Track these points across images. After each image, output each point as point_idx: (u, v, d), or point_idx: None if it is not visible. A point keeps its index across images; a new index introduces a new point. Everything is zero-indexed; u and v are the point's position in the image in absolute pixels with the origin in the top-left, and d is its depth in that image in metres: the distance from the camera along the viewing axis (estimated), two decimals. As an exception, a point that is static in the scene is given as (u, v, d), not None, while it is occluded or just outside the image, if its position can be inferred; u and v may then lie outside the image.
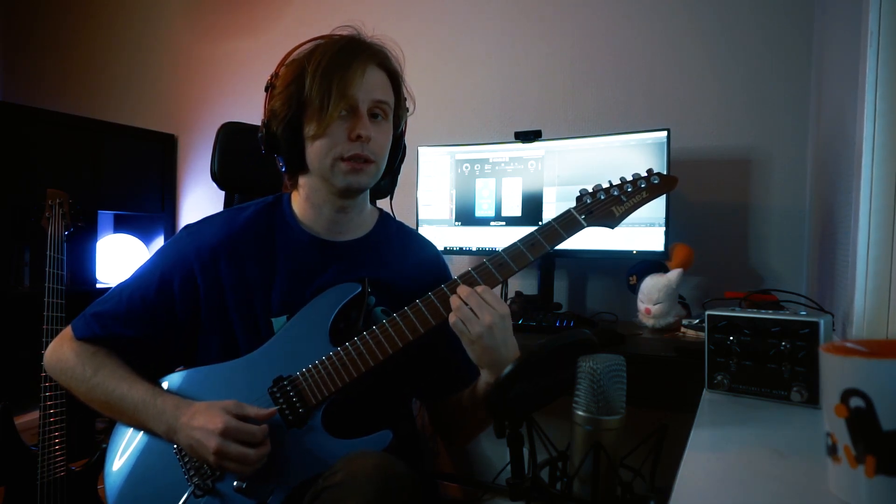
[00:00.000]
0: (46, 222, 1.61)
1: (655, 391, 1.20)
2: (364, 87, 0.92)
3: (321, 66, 0.90)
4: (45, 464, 1.51)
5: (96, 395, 0.92)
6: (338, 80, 0.89)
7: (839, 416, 0.48)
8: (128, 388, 0.91)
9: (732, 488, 0.54)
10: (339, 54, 0.91)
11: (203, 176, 2.66)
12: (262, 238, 0.99)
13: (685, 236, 1.62)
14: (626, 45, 1.82)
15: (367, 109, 0.93)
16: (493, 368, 0.87)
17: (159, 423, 0.88)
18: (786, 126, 1.62)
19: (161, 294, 0.96)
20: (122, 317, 0.95)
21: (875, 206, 0.75)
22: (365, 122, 0.92)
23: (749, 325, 0.80)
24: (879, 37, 0.74)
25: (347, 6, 2.28)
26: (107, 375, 0.92)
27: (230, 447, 0.82)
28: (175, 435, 0.87)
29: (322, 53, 0.92)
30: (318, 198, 0.98)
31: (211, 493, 0.87)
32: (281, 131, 0.93)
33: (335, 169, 0.92)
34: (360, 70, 0.91)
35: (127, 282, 0.99)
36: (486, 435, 2.02)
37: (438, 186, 1.83)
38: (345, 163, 0.92)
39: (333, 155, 0.92)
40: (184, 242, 0.99)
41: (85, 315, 0.98)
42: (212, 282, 0.96)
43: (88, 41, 2.98)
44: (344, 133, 0.91)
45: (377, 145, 0.94)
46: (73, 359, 0.94)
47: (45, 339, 1.54)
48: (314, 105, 0.90)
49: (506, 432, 0.75)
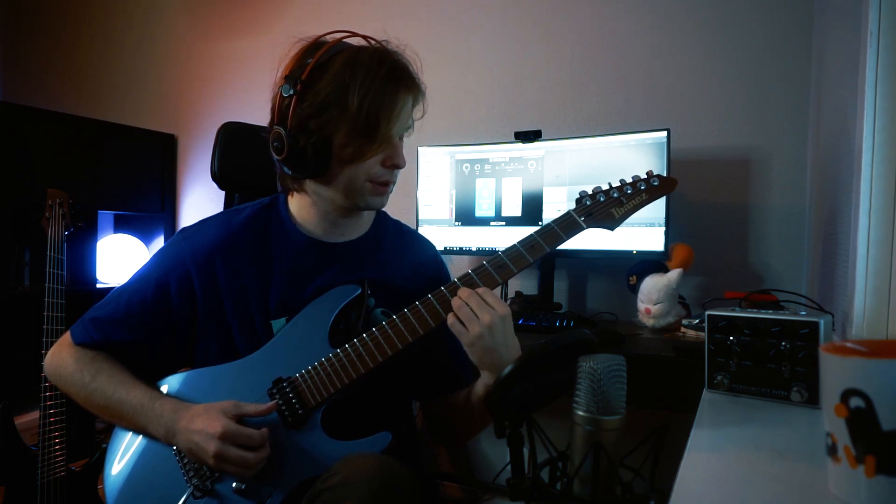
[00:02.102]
0: (46, 222, 1.61)
1: (655, 391, 1.20)
2: (405, 120, 0.94)
3: (370, 93, 0.88)
4: (45, 464, 1.51)
5: (95, 400, 0.93)
6: (386, 114, 0.89)
7: (839, 416, 0.48)
8: (125, 392, 0.91)
9: (732, 488, 0.54)
10: (388, 83, 0.89)
11: (203, 176, 2.66)
12: (259, 240, 0.99)
13: (685, 236, 1.62)
14: (626, 45, 1.82)
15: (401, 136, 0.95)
16: (493, 370, 0.87)
17: (158, 427, 0.88)
18: (786, 126, 1.62)
19: (158, 298, 0.96)
20: (120, 321, 0.95)
21: (875, 206, 0.75)
22: (400, 150, 0.94)
23: (749, 325, 0.80)
24: (879, 37, 0.74)
25: (347, 6, 2.28)
26: (105, 380, 0.92)
27: (229, 451, 0.82)
28: (174, 438, 0.87)
29: (367, 73, 0.88)
30: (327, 206, 0.98)
31: (210, 494, 0.87)
32: (310, 143, 0.90)
33: (364, 189, 0.94)
34: (407, 106, 0.92)
35: (124, 286, 0.99)
36: (487, 435, 2.02)
37: (438, 186, 1.83)
38: (373, 185, 0.93)
39: (368, 177, 0.93)
40: (180, 246, 0.99)
41: (83, 320, 0.98)
42: (208, 285, 0.96)
43: (89, 41, 2.98)
44: (380, 158, 0.93)
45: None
46: (72, 364, 0.94)
47: (46, 339, 1.54)
48: (358, 130, 0.89)
49: (506, 432, 0.75)
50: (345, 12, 2.28)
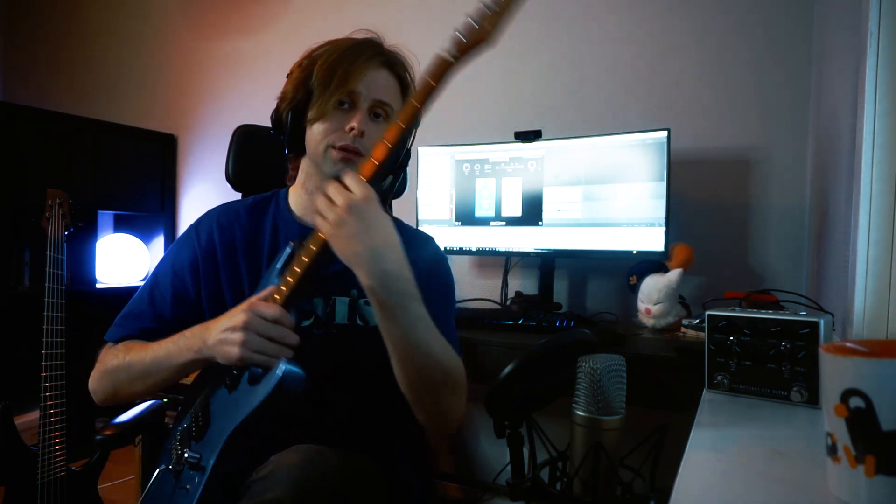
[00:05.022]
0: (46, 222, 1.61)
1: (655, 391, 1.20)
2: (366, 84, 0.94)
3: (331, 57, 0.95)
4: (45, 464, 1.51)
5: (135, 371, 0.93)
6: (342, 70, 0.93)
7: (839, 416, 0.48)
8: (156, 347, 0.93)
9: (732, 488, 0.54)
10: (350, 50, 0.96)
11: (203, 176, 2.66)
12: (256, 228, 1.03)
13: (685, 236, 1.62)
14: (626, 45, 1.82)
15: (367, 107, 0.95)
16: (360, 265, 0.79)
17: (191, 346, 0.88)
18: (786, 126, 1.62)
19: (176, 285, 1.00)
20: (144, 313, 1.00)
21: (875, 206, 0.75)
22: (361, 116, 0.94)
23: (749, 325, 0.80)
24: (879, 37, 0.74)
25: (348, 6, 2.28)
26: (138, 348, 0.95)
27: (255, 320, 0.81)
28: (206, 343, 0.85)
29: (335, 48, 0.97)
30: (311, 184, 1.02)
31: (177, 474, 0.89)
32: (287, 113, 0.98)
33: (327, 155, 0.95)
34: (365, 66, 0.94)
35: (147, 283, 1.04)
36: (487, 435, 2.02)
37: (438, 186, 1.83)
38: (336, 151, 0.94)
39: (327, 142, 0.95)
40: (190, 235, 1.04)
41: (113, 324, 1.02)
42: (211, 272, 1.00)
43: (89, 41, 2.98)
44: (341, 123, 0.94)
45: (371, 142, 0.95)
46: (108, 360, 0.97)
47: (45, 339, 1.54)
48: (317, 91, 0.94)
49: (506, 432, 0.75)
50: (345, 12, 2.28)
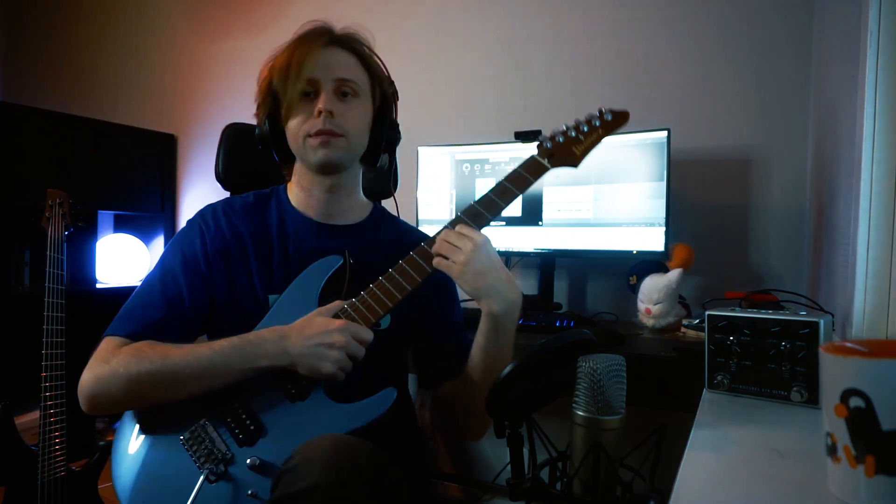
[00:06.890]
0: (46, 222, 1.61)
1: (655, 391, 1.20)
2: (322, 67, 0.95)
3: (283, 56, 0.97)
4: (45, 464, 1.51)
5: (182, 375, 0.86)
6: (295, 62, 0.94)
7: (839, 416, 0.48)
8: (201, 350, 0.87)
9: (732, 488, 0.54)
10: (298, 41, 0.98)
11: (203, 176, 2.66)
12: (261, 220, 1.04)
13: (685, 236, 1.62)
14: (626, 45, 1.82)
15: (332, 88, 0.96)
16: (491, 295, 0.87)
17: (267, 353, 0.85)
18: (786, 126, 1.62)
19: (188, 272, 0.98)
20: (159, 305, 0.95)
21: (875, 206, 0.75)
22: (326, 97, 0.95)
23: (749, 325, 0.80)
24: (879, 37, 0.74)
25: (348, 6, 2.28)
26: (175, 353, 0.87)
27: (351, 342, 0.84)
28: (288, 351, 0.85)
29: (284, 47, 0.98)
30: (306, 181, 1.03)
31: (224, 477, 0.86)
32: (266, 126, 1.00)
33: (307, 146, 0.96)
34: (315, 51, 0.95)
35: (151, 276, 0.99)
36: (487, 435, 2.02)
37: (438, 186, 1.83)
38: (312, 138, 0.95)
39: (303, 133, 0.96)
40: (197, 225, 1.04)
41: (116, 318, 0.95)
42: (223, 262, 0.99)
43: (89, 41, 2.98)
44: (310, 111, 0.95)
45: (344, 119, 0.97)
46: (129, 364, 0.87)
47: (45, 339, 1.54)
48: (280, 91, 0.96)
49: (506, 432, 0.75)
50: (345, 12, 2.27)
